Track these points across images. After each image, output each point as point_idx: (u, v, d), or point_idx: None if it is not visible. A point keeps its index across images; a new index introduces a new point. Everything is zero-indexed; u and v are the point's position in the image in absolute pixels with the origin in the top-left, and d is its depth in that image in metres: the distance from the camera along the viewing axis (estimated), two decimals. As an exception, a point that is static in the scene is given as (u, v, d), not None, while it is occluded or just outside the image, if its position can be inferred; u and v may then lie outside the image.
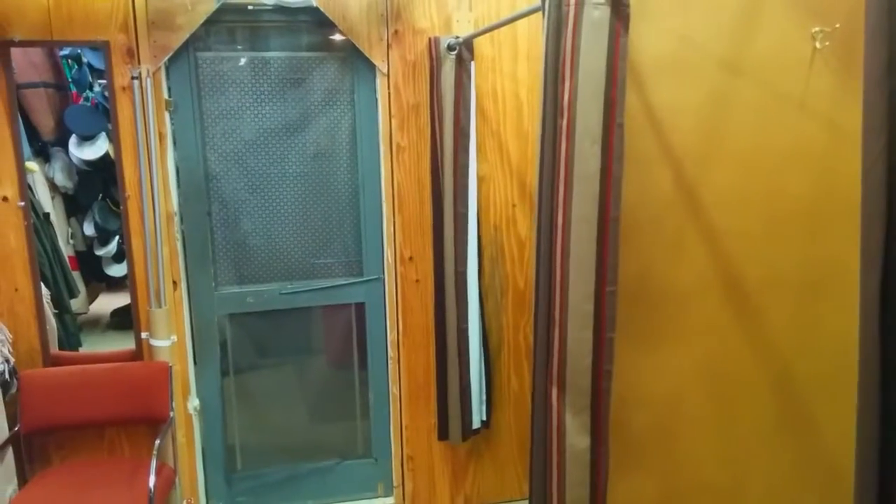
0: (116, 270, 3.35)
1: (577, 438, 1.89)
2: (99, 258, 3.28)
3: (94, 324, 3.24)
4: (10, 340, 2.59)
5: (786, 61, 1.89)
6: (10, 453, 2.57)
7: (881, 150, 1.02)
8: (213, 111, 2.85)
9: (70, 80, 3.06)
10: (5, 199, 2.60)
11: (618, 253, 1.80)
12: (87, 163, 3.03)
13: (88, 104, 3.08)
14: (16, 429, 2.59)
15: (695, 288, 1.98)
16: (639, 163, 1.90)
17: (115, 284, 3.38)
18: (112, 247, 3.31)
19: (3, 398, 2.55)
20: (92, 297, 3.28)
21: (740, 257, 1.97)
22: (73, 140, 3.00)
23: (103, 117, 3.03)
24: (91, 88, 3.12)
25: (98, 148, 3.04)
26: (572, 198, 1.81)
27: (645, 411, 2.01)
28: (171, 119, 2.76)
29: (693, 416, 2.03)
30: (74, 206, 3.13)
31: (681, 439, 2.04)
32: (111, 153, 3.03)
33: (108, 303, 3.36)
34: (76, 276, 3.17)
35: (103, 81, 3.08)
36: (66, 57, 2.99)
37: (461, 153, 2.82)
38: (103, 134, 3.04)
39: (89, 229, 3.20)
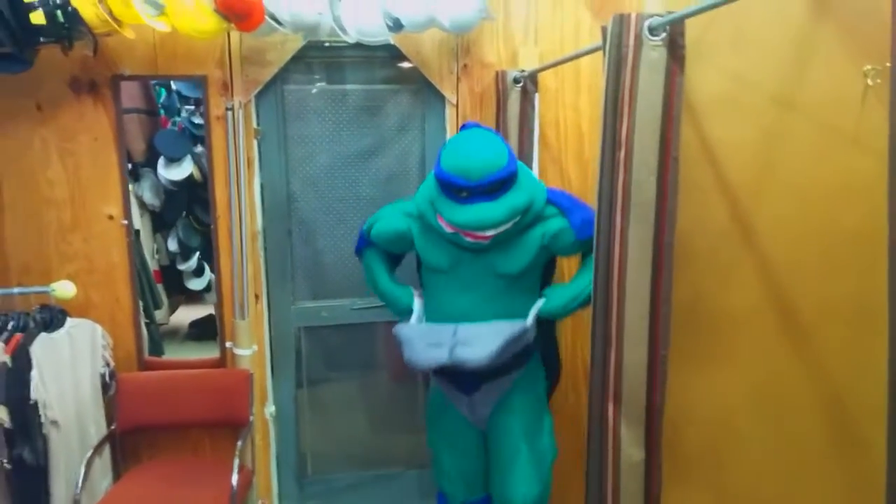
0: (196, 284, 3.56)
1: (632, 450, 1.96)
2: (180, 272, 3.47)
3: (174, 334, 3.42)
4: (111, 346, 2.81)
5: (839, 98, 1.94)
6: (107, 450, 2.77)
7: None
8: (296, 138, 3.04)
9: (160, 106, 3.28)
10: (111, 217, 2.83)
11: (671, 276, 1.88)
12: (174, 183, 3.22)
13: (175, 129, 3.28)
14: (112, 427, 2.80)
15: (747, 314, 2.04)
16: (695, 194, 1.98)
17: (194, 298, 3.61)
18: (193, 262, 3.51)
19: (104, 399, 2.77)
20: (172, 309, 3.48)
21: (793, 286, 2.02)
22: (161, 161, 3.20)
23: (189, 141, 3.23)
24: (179, 114, 3.34)
25: (184, 169, 3.24)
26: (629, 224, 1.90)
27: (697, 429, 2.07)
28: (259, 146, 2.96)
29: (744, 436, 2.08)
30: (160, 222, 3.32)
31: (732, 457, 2.09)
32: (195, 174, 3.24)
33: (186, 315, 3.56)
34: (160, 288, 3.36)
35: (190, 107, 3.33)
36: (156, 84, 3.20)
37: (524, 180, 2.94)
38: (188, 156, 3.25)
39: (173, 245, 3.39)
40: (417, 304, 2.45)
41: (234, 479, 2.56)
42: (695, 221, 1.98)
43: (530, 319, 2.28)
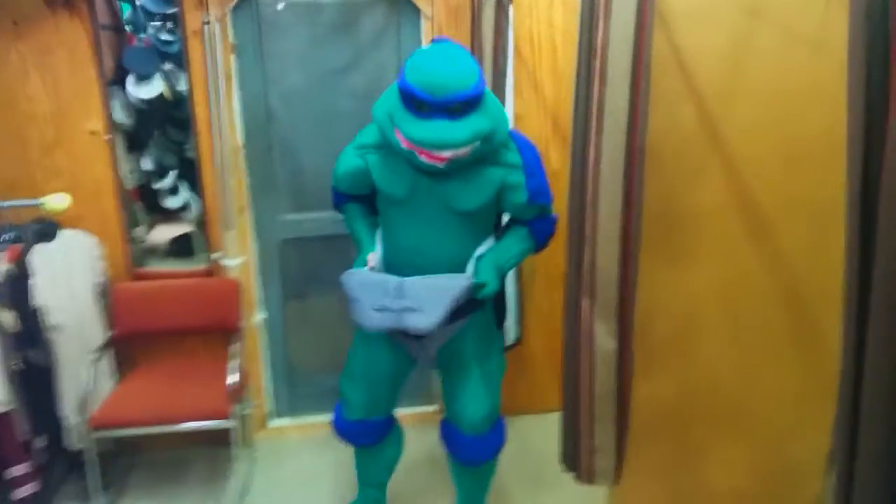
0: (173, 202, 3.55)
1: (605, 341, 2.10)
2: (156, 191, 3.46)
3: (153, 252, 3.43)
4: (105, 257, 2.86)
5: (803, 5, 2.01)
6: (108, 355, 2.87)
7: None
8: (273, 54, 3.03)
9: (125, 22, 3.20)
10: (93, 132, 2.83)
11: (643, 178, 1.97)
12: (144, 101, 3.15)
13: (143, 45, 3.20)
14: (111, 333, 2.89)
15: (713, 210, 2.15)
16: (665, 100, 2.05)
17: (171, 217, 3.62)
18: (169, 180, 3.52)
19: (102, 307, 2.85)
20: (149, 228, 3.47)
21: (757, 184, 2.12)
22: (130, 79, 3.10)
23: (157, 57, 3.13)
24: (145, 30, 3.28)
25: (154, 87, 3.18)
26: (603, 130, 1.98)
27: (666, 321, 2.20)
28: (237, 61, 2.95)
29: (709, 327, 2.23)
30: (133, 142, 3.27)
31: (698, 347, 2.24)
32: (165, 93, 3.20)
33: (163, 233, 3.51)
34: (137, 207, 3.38)
35: (156, 23, 3.23)
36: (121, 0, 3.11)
37: (498, 92, 2.98)
38: (157, 74, 3.20)
39: (147, 164, 3.36)
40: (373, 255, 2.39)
41: (229, 378, 2.68)
42: (665, 125, 2.05)
43: (469, 273, 2.27)
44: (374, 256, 2.34)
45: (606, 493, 2.42)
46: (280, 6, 2.99)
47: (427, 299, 2.14)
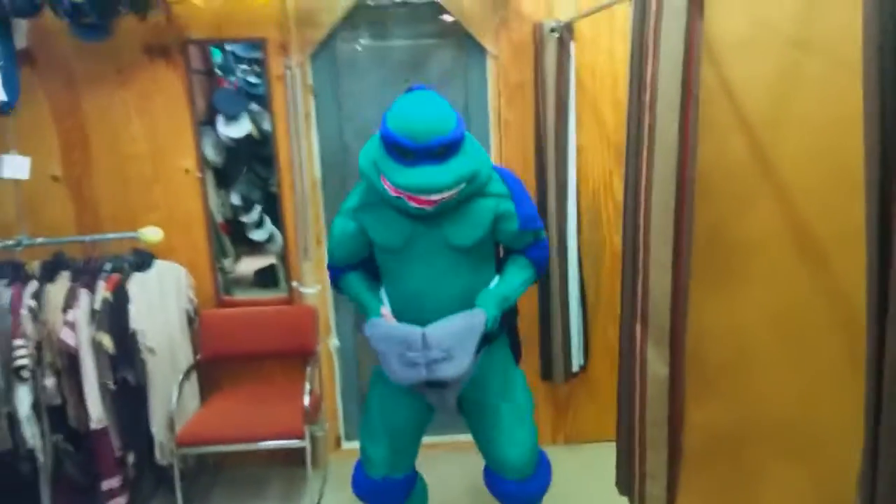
0: (258, 235, 3.78)
1: (657, 367, 2.15)
2: (243, 224, 3.68)
3: (239, 282, 3.65)
4: (193, 286, 3.11)
5: (850, 36, 2.04)
6: (194, 377, 3.10)
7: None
8: (348, 94, 3.24)
9: (216, 66, 3.46)
10: (187, 171, 3.10)
11: (693, 208, 2.03)
12: (233, 140, 3.40)
13: (232, 87, 3.46)
14: (197, 357, 3.12)
15: (764, 241, 2.17)
16: (715, 130, 2.11)
17: (256, 249, 3.80)
18: (254, 214, 3.74)
19: (189, 332, 3.09)
20: (237, 259, 3.71)
21: (809, 212, 2.13)
22: (220, 119, 3.35)
23: (245, 99, 3.41)
24: (234, 73, 3.55)
25: (242, 127, 3.43)
26: (654, 162, 2.06)
27: (718, 348, 2.23)
28: (315, 102, 3.18)
29: (763, 353, 2.23)
30: (222, 178, 3.49)
31: (751, 374, 2.25)
32: (253, 132, 3.46)
33: (249, 265, 3.78)
34: (226, 239, 3.59)
35: (244, 67, 3.51)
36: (212, 46, 3.35)
37: (561, 126, 3.09)
38: (245, 113, 3.45)
39: (235, 199, 3.60)
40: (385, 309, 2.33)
41: (306, 399, 2.85)
42: (715, 155, 2.11)
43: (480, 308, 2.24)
44: (387, 310, 2.30)
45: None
46: (358, 47, 3.21)
47: (453, 346, 2.13)
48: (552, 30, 3.01)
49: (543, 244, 2.38)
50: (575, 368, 3.36)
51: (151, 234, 2.88)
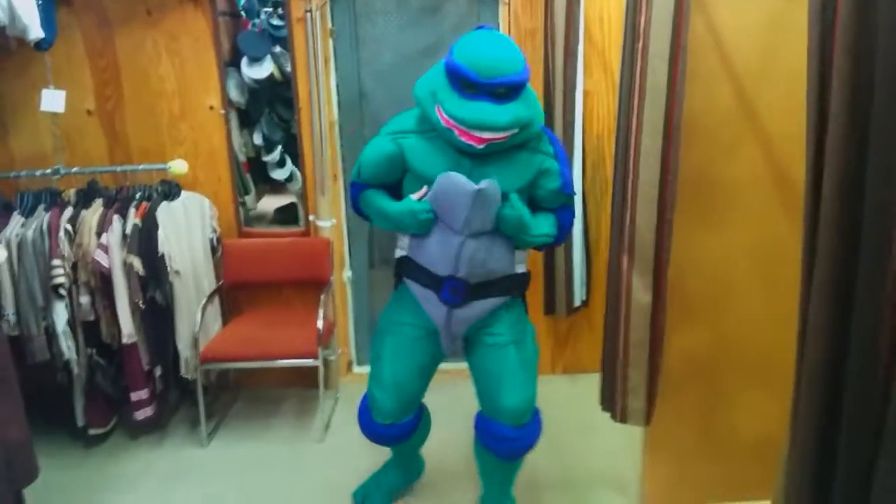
0: (279, 174, 3.90)
1: (641, 295, 2.35)
2: (265, 164, 3.80)
3: (261, 219, 3.80)
4: (217, 216, 3.35)
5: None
6: (216, 301, 3.35)
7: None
8: (366, 38, 3.40)
9: (241, 8, 3.53)
10: (211, 107, 3.30)
11: (679, 152, 2.20)
12: (256, 81, 3.50)
13: (256, 30, 3.54)
14: (220, 283, 3.38)
15: (747, 182, 2.34)
16: (704, 78, 2.26)
17: (277, 188, 3.94)
18: (276, 154, 3.88)
19: (213, 259, 3.33)
20: (258, 197, 3.85)
21: (788, 158, 2.30)
22: (244, 61, 3.45)
23: (269, 41, 3.47)
24: (258, 16, 3.68)
25: (265, 68, 3.56)
26: (644, 107, 2.23)
27: (699, 279, 2.42)
28: (334, 45, 3.35)
29: (740, 285, 2.42)
30: (245, 118, 3.62)
31: (729, 305, 2.45)
32: (275, 73, 3.60)
33: (270, 203, 3.91)
34: (248, 177, 3.74)
35: (268, 10, 3.61)
36: None
37: (570, 71, 3.24)
38: (269, 56, 3.58)
39: (258, 139, 3.72)
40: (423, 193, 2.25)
41: (320, 324, 3.10)
42: (703, 101, 2.26)
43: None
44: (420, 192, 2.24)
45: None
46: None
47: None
48: (562, -22, 3.14)
49: (572, 211, 2.45)
50: (577, 303, 3.57)
51: (179, 166, 3.10)
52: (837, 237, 1.28)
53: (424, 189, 2.24)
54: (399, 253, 2.38)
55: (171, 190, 3.10)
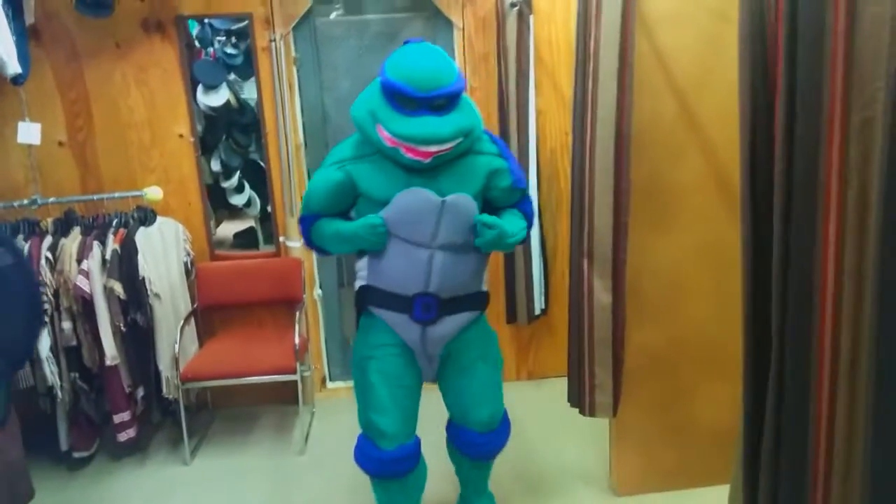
0: (238, 199, 3.96)
1: (602, 296, 2.51)
2: (223, 190, 3.88)
3: (220, 244, 3.82)
4: (190, 240, 3.41)
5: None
6: (192, 322, 3.40)
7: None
8: (327, 64, 3.52)
9: (194, 37, 3.60)
10: (181, 135, 3.37)
11: (630, 160, 2.37)
12: (213, 109, 3.58)
13: (209, 58, 3.65)
14: (195, 305, 3.43)
15: (694, 186, 2.53)
16: (649, 93, 2.44)
17: (235, 213, 4.00)
18: (234, 180, 3.95)
19: (188, 282, 3.39)
20: (217, 223, 3.89)
21: (729, 163, 2.49)
22: (199, 89, 3.51)
23: (223, 69, 3.59)
24: (212, 44, 3.76)
25: (221, 96, 3.62)
26: (597, 121, 2.40)
27: (654, 280, 2.58)
28: (297, 72, 3.46)
29: (692, 284, 2.59)
30: (203, 146, 3.58)
31: (683, 301, 2.61)
32: (231, 100, 3.65)
33: (228, 228, 4.00)
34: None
35: (222, 38, 3.68)
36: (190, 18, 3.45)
37: (522, 94, 3.42)
38: (224, 84, 3.65)
39: (216, 166, 3.78)
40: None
41: (297, 340, 3.17)
42: (649, 115, 2.45)
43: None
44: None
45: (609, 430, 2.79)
46: (332, 16, 3.47)
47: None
48: (512, 4, 3.31)
49: (530, 199, 2.45)
50: (537, 312, 3.72)
51: (154, 192, 3.16)
52: (770, 232, 1.44)
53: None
54: (359, 283, 2.31)
55: (146, 216, 3.15)
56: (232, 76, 3.68)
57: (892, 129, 1.18)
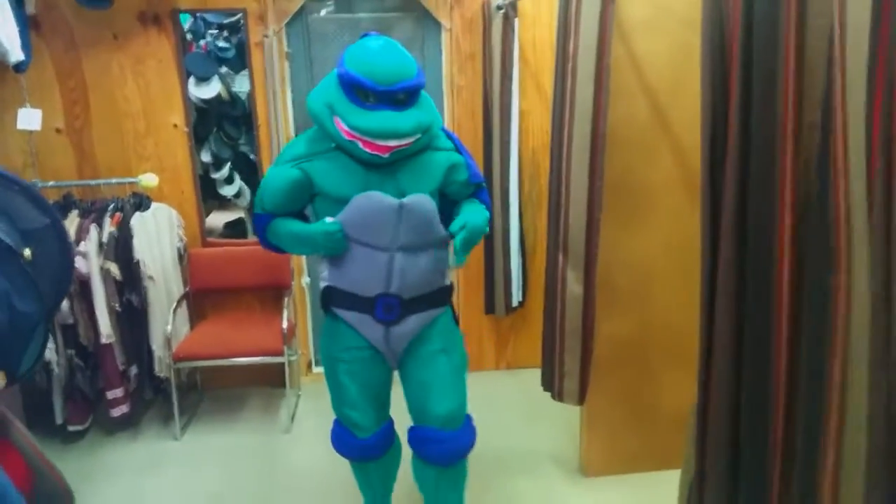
0: (227, 191, 4.06)
1: (574, 287, 2.61)
2: (213, 180, 3.97)
3: (209, 234, 3.84)
4: (183, 226, 3.48)
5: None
6: (185, 305, 3.48)
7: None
8: (319, 60, 3.60)
9: (187, 30, 3.67)
10: (175, 125, 3.44)
11: (604, 158, 2.48)
12: (204, 101, 3.64)
13: (201, 51, 3.70)
14: (187, 289, 3.51)
15: (664, 185, 2.64)
16: (624, 95, 2.55)
17: (225, 204, 4.10)
18: (224, 171, 4.03)
19: (181, 267, 3.46)
20: (207, 213, 3.89)
21: (697, 163, 2.60)
22: (191, 81, 3.57)
23: (215, 62, 3.63)
24: (204, 37, 3.81)
25: (212, 88, 3.69)
26: (574, 120, 2.50)
27: (625, 273, 2.69)
28: (290, 66, 3.54)
29: (661, 277, 2.71)
30: (194, 137, 3.60)
31: (652, 294, 2.72)
32: (222, 93, 3.70)
33: (219, 218, 4.08)
34: None
35: (214, 31, 3.73)
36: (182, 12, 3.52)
37: (506, 94, 3.51)
38: (216, 76, 3.69)
39: (206, 157, 3.86)
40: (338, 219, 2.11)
41: (285, 323, 3.26)
42: (625, 116, 2.55)
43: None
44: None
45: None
46: (322, 13, 3.55)
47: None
48: (498, 7, 3.41)
49: (485, 190, 2.40)
50: (515, 304, 3.82)
51: (149, 179, 3.24)
52: (730, 232, 1.55)
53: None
54: (322, 284, 2.25)
55: (142, 201, 3.23)
56: (223, 69, 3.74)
57: (827, 132, 1.28)
